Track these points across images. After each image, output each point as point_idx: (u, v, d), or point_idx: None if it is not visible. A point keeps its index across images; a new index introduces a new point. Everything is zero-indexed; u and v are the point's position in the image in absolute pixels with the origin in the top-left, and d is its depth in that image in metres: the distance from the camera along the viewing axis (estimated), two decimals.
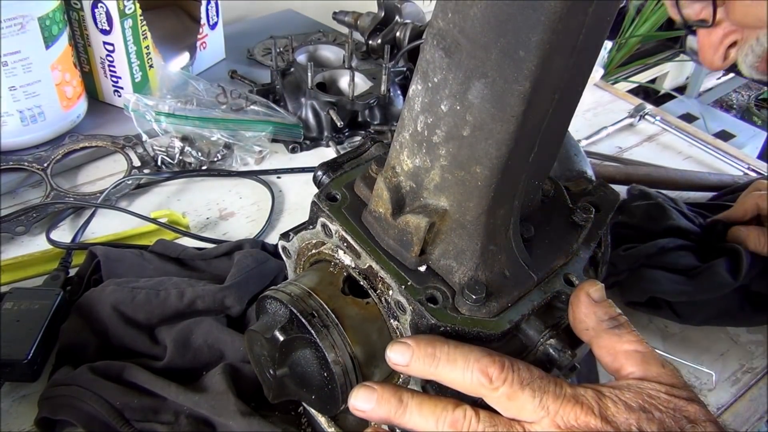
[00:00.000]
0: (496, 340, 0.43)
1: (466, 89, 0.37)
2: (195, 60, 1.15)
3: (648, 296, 0.77)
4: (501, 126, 0.36)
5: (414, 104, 0.40)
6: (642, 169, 1.01)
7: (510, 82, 0.35)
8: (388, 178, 0.44)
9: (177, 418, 0.59)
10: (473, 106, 0.37)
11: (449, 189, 0.41)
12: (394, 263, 0.44)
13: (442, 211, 0.42)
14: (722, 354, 0.77)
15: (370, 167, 0.48)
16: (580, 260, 0.49)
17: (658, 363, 0.42)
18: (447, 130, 0.39)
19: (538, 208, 0.50)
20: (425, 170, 0.42)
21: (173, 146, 0.94)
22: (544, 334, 0.44)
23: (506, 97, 0.35)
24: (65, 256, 0.76)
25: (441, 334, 0.42)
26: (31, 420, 0.61)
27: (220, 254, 0.76)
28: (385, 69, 1.02)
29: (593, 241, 0.50)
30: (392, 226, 0.44)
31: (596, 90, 1.28)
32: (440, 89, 0.38)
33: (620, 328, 0.43)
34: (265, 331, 0.47)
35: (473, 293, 0.42)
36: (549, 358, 0.44)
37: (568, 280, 0.47)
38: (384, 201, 0.44)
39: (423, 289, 0.43)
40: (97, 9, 0.94)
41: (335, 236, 0.48)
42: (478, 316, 0.43)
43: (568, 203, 0.51)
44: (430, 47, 0.37)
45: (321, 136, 1.04)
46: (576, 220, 0.49)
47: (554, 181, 0.52)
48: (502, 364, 0.40)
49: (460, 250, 0.43)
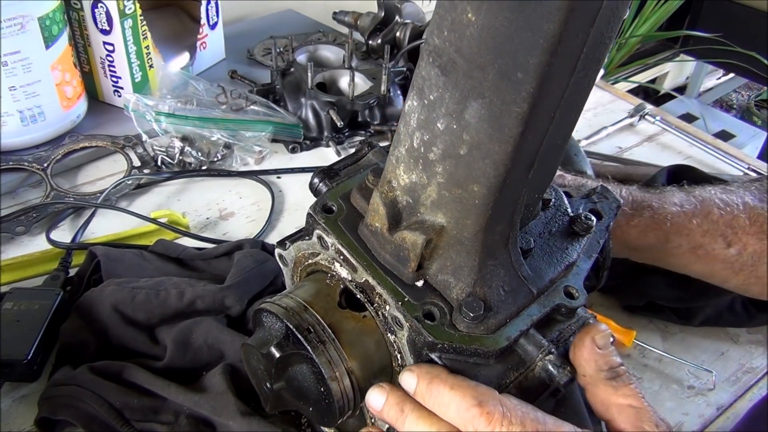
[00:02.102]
0: (494, 356, 0.43)
1: (462, 109, 0.36)
2: (195, 60, 1.15)
3: (646, 301, 0.77)
4: (499, 146, 0.36)
5: (410, 120, 0.39)
6: (642, 169, 1.01)
7: (508, 103, 0.34)
8: (385, 193, 0.43)
9: (177, 418, 0.59)
10: (470, 125, 0.36)
11: (446, 206, 0.41)
12: (391, 278, 0.44)
13: (439, 228, 0.42)
14: (722, 354, 0.77)
15: (367, 178, 0.47)
16: (580, 271, 0.48)
17: (652, 422, 0.42)
18: (444, 148, 0.38)
19: (538, 218, 0.49)
20: (422, 186, 0.41)
21: (173, 146, 0.94)
22: (543, 349, 0.43)
23: (504, 118, 0.34)
24: (65, 256, 0.76)
25: (438, 350, 0.42)
26: (31, 420, 0.61)
27: (220, 254, 0.76)
28: (385, 69, 1.02)
29: (594, 252, 0.50)
30: (389, 241, 0.43)
31: (596, 90, 1.28)
32: (436, 107, 0.37)
33: (618, 380, 0.44)
34: (261, 346, 0.46)
35: (471, 311, 0.41)
36: (548, 374, 0.43)
37: (569, 293, 0.46)
38: (380, 216, 0.43)
39: (420, 305, 0.43)
40: (97, 9, 0.94)
41: (331, 249, 0.47)
42: (476, 333, 0.42)
43: (569, 212, 0.50)
44: (426, 64, 0.37)
45: (321, 136, 1.04)
46: (576, 230, 0.49)
47: (554, 189, 0.51)
48: (491, 415, 0.39)
49: (457, 266, 0.42)
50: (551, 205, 0.50)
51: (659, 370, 0.74)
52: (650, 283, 0.77)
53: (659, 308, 0.78)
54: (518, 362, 0.44)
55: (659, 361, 0.75)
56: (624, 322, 0.77)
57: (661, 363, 0.75)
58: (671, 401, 0.71)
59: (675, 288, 0.76)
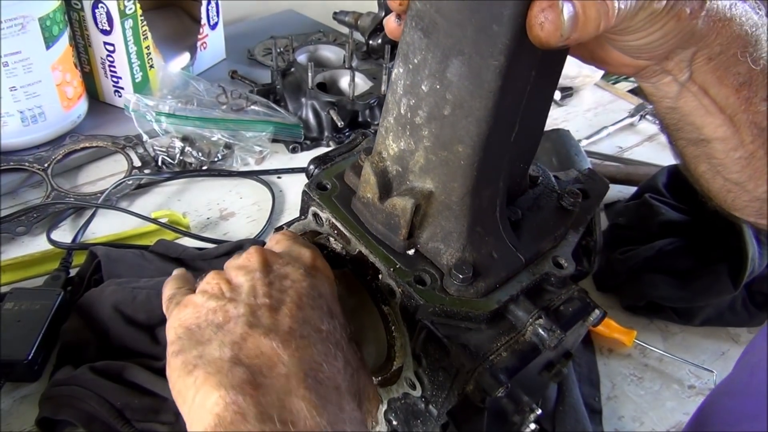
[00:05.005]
0: (485, 320, 0.43)
1: (444, 68, 0.37)
2: (195, 60, 1.15)
3: (646, 300, 0.77)
4: (479, 102, 0.37)
5: (397, 88, 0.41)
6: (642, 169, 1.01)
7: (486, 57, 0.35)
8: (375, 163, 0.45)
9: (177, 418, 0.59)
10: (452, 84, 0.38)
11: (434, 170, 0.42)
12: (383, 247, 0.45)
13: (428, 193, 0.43)
14: (723, 353, 0.77)
15: (360, 157, 0.49)
16: (568, 244, 0.49)
17: None
18: (428, 111, 0.40)
19: (526, 194, 0.50)
20: (410, 153, 0.43)
21: (174, 146, 0.94)
22: (534, 314, 0.44)
23: (483, 73, 0.36)
24: (66, 256, 0.76)
25: (430, 314, 0.42)
26: (31, 420, 0.61)
27: (220, 254, 0.76)
28: (385, 69, 1.02)
29: (582, 226, 0.51)
30: (380, 210, 0.44)
31: (597, 90, 1.28)
32: (420, 70, 0.39)
33: None
34: None
35: (460, 273, 0.42)
36: (539, 338, 0.44)
37: (557, 263, 0.47)
38: (371, 186, 0.45)
39: (411, 272, 0.44)
40: (98, 9, 0.94)
41: (326, 224, 0.48)
42: (466, 296, 0.43)
43: (557, 189, 0.51)
44: (409, 29, 0.38)
45: (321, 136, 1.04)
46: (564, 204, 0.49)
47: (542, 169, 0.52)
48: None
49: (447, 232, 0.43)
50: (539, 183, 0.51)
51: (660, 369, 0.74)
52: (651, 283, 0.77)
53: (660, 308, 0.78)
54: (509, 327, 0.45)
55: (660, 360, 0.75)
56: (625, 322, 0.77)
57: (662, 363, 0.75)
58: (672, 401, 0.71)
59: (675, 288, 0.76)
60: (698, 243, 0.79)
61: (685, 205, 0.83)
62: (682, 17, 0.37)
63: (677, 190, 0.85)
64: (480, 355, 0.42)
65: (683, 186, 0.83)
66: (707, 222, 0.78)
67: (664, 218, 0.81)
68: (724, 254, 0.76)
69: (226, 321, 0.39)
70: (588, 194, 0.52)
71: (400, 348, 0.46)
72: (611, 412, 0.70)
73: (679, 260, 0.78)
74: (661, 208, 0.82)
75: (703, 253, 0.78)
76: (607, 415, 0.69)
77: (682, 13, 0.37)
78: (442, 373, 0.43)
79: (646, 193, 0.85)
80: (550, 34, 0.33)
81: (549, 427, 0.66)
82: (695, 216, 0.81)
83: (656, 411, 0.70)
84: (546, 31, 0.33)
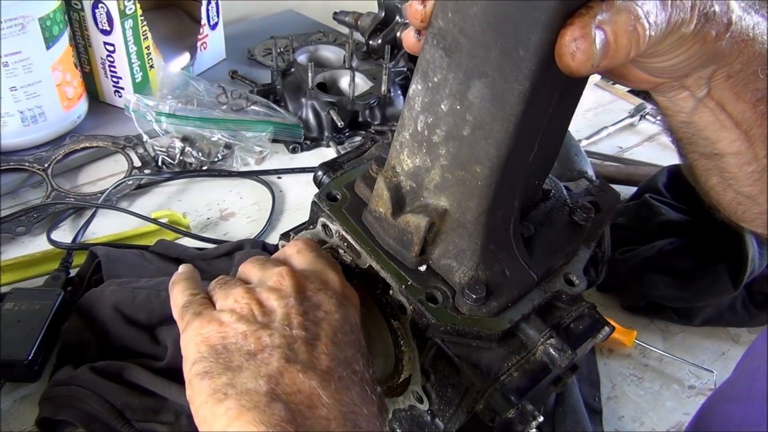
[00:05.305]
0: (496, 339, 0.43)
1: (466, 89, 0.37)
2: (195, 60, 1.15)
3: (646, 300, 0.77)
4: (501, 125, 0.36)
5: (414, 104, 0.40)
6: (642, 169, 1.01)
7: (510, 81, 0.34)
8: (389, 178, 0.44)
9: (177, 418, 0.59)
10: (473, 105, 0.37)
11: (449, 189, 0.41)
12: (395, 263, 0.44)
13: (442, 211, 0.42)
14: (723, 354, 0.77)
15: (371, 167, 0.48)
16: (580, 260, 0.49)
17: None
18: (447, 130, 0.39)
19: (538, 207, 0.50)
20: (425, 170, 0.42)
21: (174, 146, 0.94)
22: (545, 333, 0.44)
23: (506, 97, 0.35)
24: (66, 256, 0.76)
25: (441, 332, 0.42)
26: (31, 420, 0.61)
27: (220, 254, 0.76)
28: (385, 69, 1.02)
29: (593, 241, 0.50)
30: (392, 225, 0.44)
31: (597, 90, 1.28)
32: (440, 89, 0.38)
33: None
34: None
35: (473, 293, 0.42)
36: (549, 358, 0.44)
37: (569, 280, 0.47)
38: (384, 201, 0.44)
39: (423, 289, 0.43)
40: (98, 9, 0.94)
41: (335, 236, 0.48)
42: (479, 315, 0.42)
43: (569, 203, 0.51)
44: (430, 47, 0.37)
45: (321, 136, 1.04)
46: (576, 219, 0.49)
47: (554, 181, 0.52)
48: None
49: (460, 250, 0.43)
50: (551, 196, 0.51)
51: (660, 370, 0.74)
52: (651, 283, 0.77)
53: (660, 308, 0.78)
54: (520, 346, 0.44)
55: (660, 360, 0.75)
56: (625, 322, 0.77)
57: (662, 363, 0.75)
58: (672, 401, 0.71)
59: (675, 288, 0.76)
60: (698, 243, 0.79)
61: (685, 206, 0.83)
62: (708, 40, 0.36)
63: (677, 190, 0.85)
64: (491, 375, 0.42)
65: (683, 186, 0.83)
66: (707, 222, 0.78)
67: (664, 218, 0.81)
68: (724, 254, 0.76)
69: (259, 349, 0.37)
70: (599, 207, 0.52)
71: (408, 362, 0.46)
72: (611, 412, 0.70)
73: (679, 260, 0.78)
74: (661, 209, 0.82)
75: (703, 254, 0.78)
76: (607, 416, 0.69)
77: (708, 36, 0.36)
78: (450, 389, 0.43)
79: (647, 194, 0.85)
80: (581, 63, 0.32)
81: (548, 428, 0.66)
82: (695, 216, 0.81)
83: (656, 411, 0.70)
84: (577, 61, 0.31)
